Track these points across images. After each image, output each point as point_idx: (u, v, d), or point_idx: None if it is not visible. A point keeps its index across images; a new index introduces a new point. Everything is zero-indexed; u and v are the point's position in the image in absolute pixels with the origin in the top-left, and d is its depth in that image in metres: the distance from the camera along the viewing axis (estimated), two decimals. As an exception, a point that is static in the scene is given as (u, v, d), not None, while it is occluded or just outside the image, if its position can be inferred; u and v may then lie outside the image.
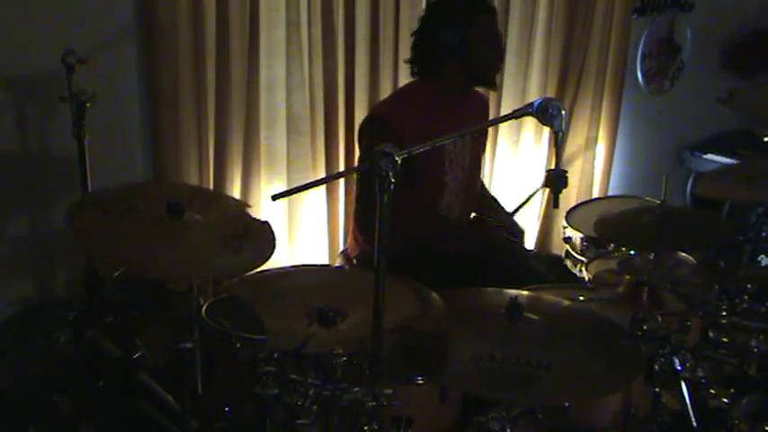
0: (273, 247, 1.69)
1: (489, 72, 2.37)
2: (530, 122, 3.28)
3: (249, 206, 2.11)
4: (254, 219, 1.82)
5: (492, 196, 2.72)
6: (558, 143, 1.62)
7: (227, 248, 1.62)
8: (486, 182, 3.20)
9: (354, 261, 2.48)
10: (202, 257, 1.64)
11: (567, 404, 1.74)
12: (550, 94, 3.33)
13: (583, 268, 2.56)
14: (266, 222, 1.76)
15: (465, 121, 2.30)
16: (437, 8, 2.34)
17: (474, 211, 2.71)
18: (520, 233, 2.53)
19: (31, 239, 2.40)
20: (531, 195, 2.32)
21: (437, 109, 2.32)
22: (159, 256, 1.62)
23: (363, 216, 2.40)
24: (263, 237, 1.72)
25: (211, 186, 2.62)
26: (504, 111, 3.17)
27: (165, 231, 1.64)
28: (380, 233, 1.37)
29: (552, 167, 1.68)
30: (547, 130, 3.07)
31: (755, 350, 1.89)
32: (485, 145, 2.69)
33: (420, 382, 1.66)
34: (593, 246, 2.69)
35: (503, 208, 2.63)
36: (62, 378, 2.04)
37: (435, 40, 2.28)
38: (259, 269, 1.83)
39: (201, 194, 2.08)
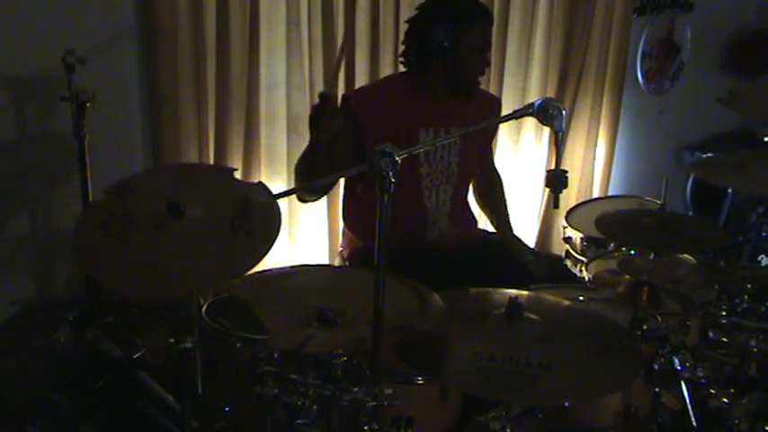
0: (279, 214, 1.66)
1: (467, 81, 2.32)
2: (530, 122, 3.28)
3: (234, 169, 2.08)
4: (247, 184, 1.77)
5: (506, 210, 2.70)
6: (558, 143, 1.62)
7: (238, 234, 1.59)
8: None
9: (347, 263, 2.48)
10: (215, 261, 1.60)
11: (566, 404, 1.74)
12: (550, 93, 3.33)
13: (583, 268, 2.56)
14: (259, 183, 1.71)
15: (451, 117, 2.30)
16: (435, 4, 2.29)
17: (487, 215, 2.71)
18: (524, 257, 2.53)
19: (31, 239, 2.40)
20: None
21: (410, 103, 2.32)
22: (167, 278, 1.57)
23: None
24: (264, 204, 1.67)
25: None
26: (505, 111, 3.16)
27: (169, 242, 1.59)
28: (381, 233, 1.37)
29: (552, 167, 1.67)
30: (547, 129, 3.07)
31: (755, 350, 1.89)
32: (486, 140, 2.66)
33: (420, 382, 1.65)
34: (593, 246, 2.69)
35: (511, 228, 2.64)
36: (62, 378, 2.04)
37: (425, 37, 2.24)
38: (259, 269, 1.83)
39: (196, 176, 2.00)
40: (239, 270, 1.54)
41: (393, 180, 1.34)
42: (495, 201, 2.71)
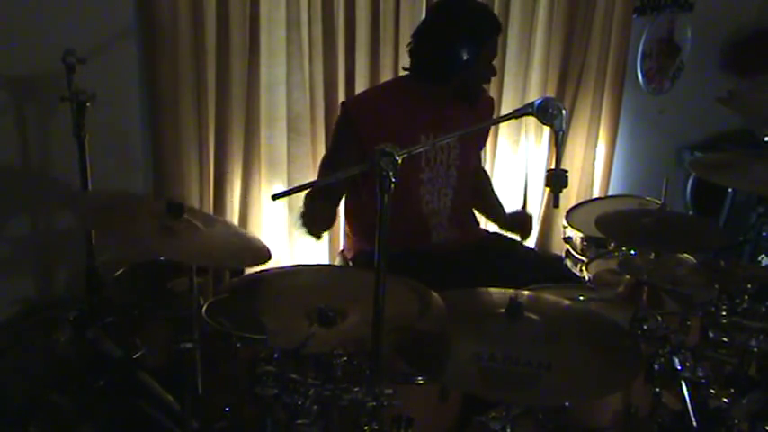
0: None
1: (477, 90, 2.36)
2: (530, 122, 3.28)
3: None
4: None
5: (499, 203, 2.70)
6: (558, 143, 1.62)
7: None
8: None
9: (350, 263, 2.48)
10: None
11: (566, 404, 1.74)
12: (550, 93, 3.33)
13: (583, 268, 2.56)
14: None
15: (451, 122, 2.29)
16: (453, 18, 2.26)
17: (481, 212, 2.69)
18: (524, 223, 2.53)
19: (31, 239, 2.40)
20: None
21: (413, 107, 2.31)
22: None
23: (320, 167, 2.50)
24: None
25: (211, 186, 2.63)
26: (504, 111, 3.17)
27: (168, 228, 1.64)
28: (380, 233, 1.37)
29: (552, 167, 1.67)
30: (547, 129, 3.07)
31: (755, 350, 1.89)
32: (480, 141, 2.65)
33: (420, 382, 1.65)
34: (593, 246, 2.69)
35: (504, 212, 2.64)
36: (62, 378, 2.04)
37: (444, 49, 2.23)
38: (259, 269, 1.83)
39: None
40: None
41: (393, 180, 1.34)
42: (488, 199, 2.69)
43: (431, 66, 2.29)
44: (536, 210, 3.53)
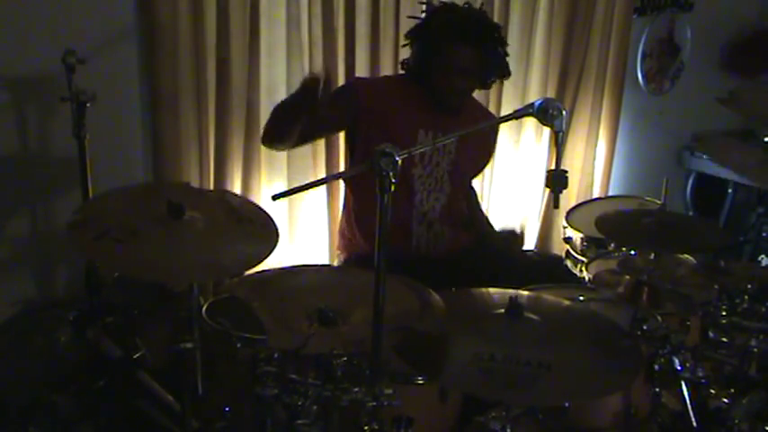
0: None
1: (444, 99, 2.31)
2: (530, 122, 3.28)
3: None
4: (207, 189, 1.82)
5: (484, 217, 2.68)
6: (558, 143, 1.62)
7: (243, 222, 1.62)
8: (486, 182, 3.21)
9: (342, 263, 2.48)
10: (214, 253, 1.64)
11: (566, 404, 1.74)
12: (550, 94, 3.33)
13: (583, 268, 2.56)
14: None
15: (448, 126, 2.26)
16: (429, 18, 2.31)
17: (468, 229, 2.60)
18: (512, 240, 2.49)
19: (31, 239, 2.40)
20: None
21: (411, 103, 2.32)
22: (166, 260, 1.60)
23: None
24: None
25: (212, 186, 2.62)
26: (505, 111, 3.17)
27: (168, 235, 1.63)
28: (381, 234, 1.37)
29: (552, 167, 1.67)
30: (547, 129, 3.05)
31: (755, 350, 1.89)
32: (476, 156, 2.55)
33: (420, 382, 1.66)
34: (594, 246, 2.69)
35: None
36: (62, 378, 2.04)
37: (412, 46, 2.32)
38: (259, 269, 1.83)
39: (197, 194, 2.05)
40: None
41: (393, 180, 1.34)
42: (473, 212, 2.62)
43: (409, 60, 2.36)
44: (536, 210, 3.53)
